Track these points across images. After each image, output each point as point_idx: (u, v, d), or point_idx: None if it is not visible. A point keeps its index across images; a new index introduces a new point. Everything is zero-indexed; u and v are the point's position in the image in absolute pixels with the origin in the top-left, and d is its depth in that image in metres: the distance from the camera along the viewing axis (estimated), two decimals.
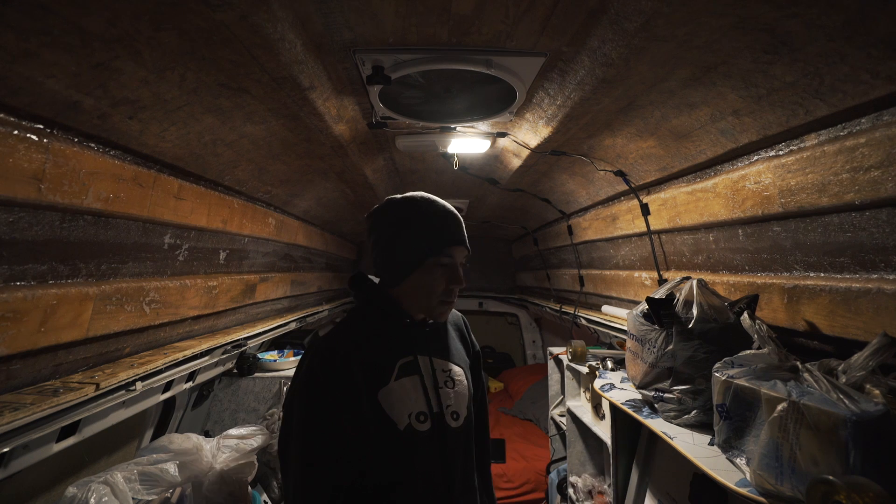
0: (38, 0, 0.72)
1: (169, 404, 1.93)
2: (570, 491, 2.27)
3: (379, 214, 1.05)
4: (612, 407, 1.64)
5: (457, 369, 1.07)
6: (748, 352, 1.10)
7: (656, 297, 1.41)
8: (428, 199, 1.05)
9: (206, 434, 2.15)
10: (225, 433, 1.81)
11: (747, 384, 1.03)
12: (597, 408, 2.13)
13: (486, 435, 1.25)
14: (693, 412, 1.30)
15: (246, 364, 2.30)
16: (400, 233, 1.01)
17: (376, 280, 1.09)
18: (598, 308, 2.63)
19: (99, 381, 1.18)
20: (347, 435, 0.91)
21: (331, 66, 1.23)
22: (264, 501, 1.87)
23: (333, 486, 0.89)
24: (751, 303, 1.26)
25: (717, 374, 1.11)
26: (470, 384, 1.09)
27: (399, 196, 1.06)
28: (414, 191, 1.07)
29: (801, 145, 1.08)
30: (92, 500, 1.23)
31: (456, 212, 1.06)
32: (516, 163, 2.11)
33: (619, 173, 1.82)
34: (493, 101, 1.49)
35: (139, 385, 1.34)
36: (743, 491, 0.96)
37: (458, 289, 1.03)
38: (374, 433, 0.93)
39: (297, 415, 0.92)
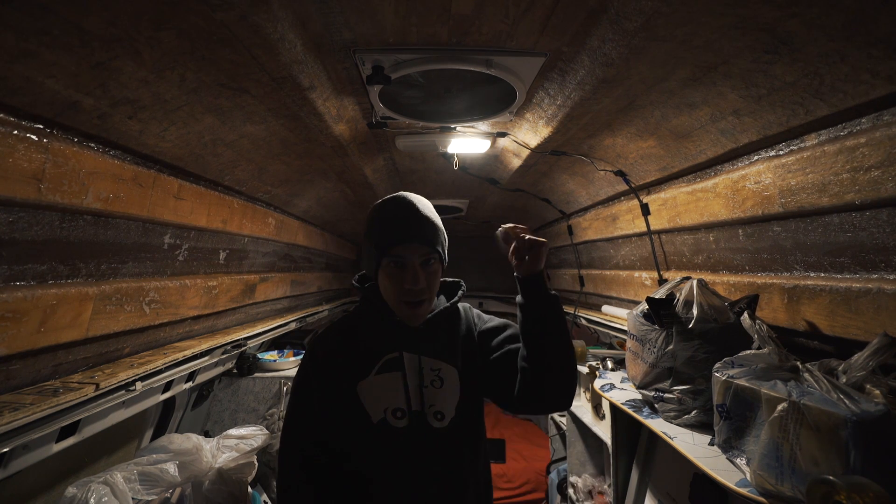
0: (37, 0, 0.72)
1: (169, 404, 1.93)
2: (570, 491, 2.27)
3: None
4: (612, 407, 1.64)
5: (448, 368, 1.02)
6: (748, 352, 1.10)
7: (656, 297, 1.41)
8: (393, 199, 1.00)
9: (206, 434, 2.15)
10: (225, 433, 1.81)
11: (747, 384, 1.03)
12: (597, 408, 2.13)
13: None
14: (693, 412, 1.30)
15: (246, 364, 2.30)
16: (364, 238, 1.03)
17: None
18: (598, 308, 2.63)
19: (99, 381, 1.18)
20: (320, 421, 0.99)
21: (331, 66, 1.23)
22: (264, 501, 1.87)
23: (301, 461, 0.99)
24: (751, 303, 1.26)
25: (717, 374, 1.11)
26: (463, 385, 1.02)
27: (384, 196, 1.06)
28: (410, 191, 1.04)
29: (802, 145, 1.08)
30: (92, 500, 1.23)
31: (415, 206, 0.98)
32: (516, 163, 2.11)
33: (619, 173, 1.82)
34: (493, 101, 1.49)
35: (139, 385, 1.34)
36: (743, 491, 0.96)
37: (416, 289, 0.95)
38: (350, 423, 0.98)
39: (290, 395, 1.05)
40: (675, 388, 1.33)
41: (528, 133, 1.75)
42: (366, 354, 1.01)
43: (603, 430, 1.98)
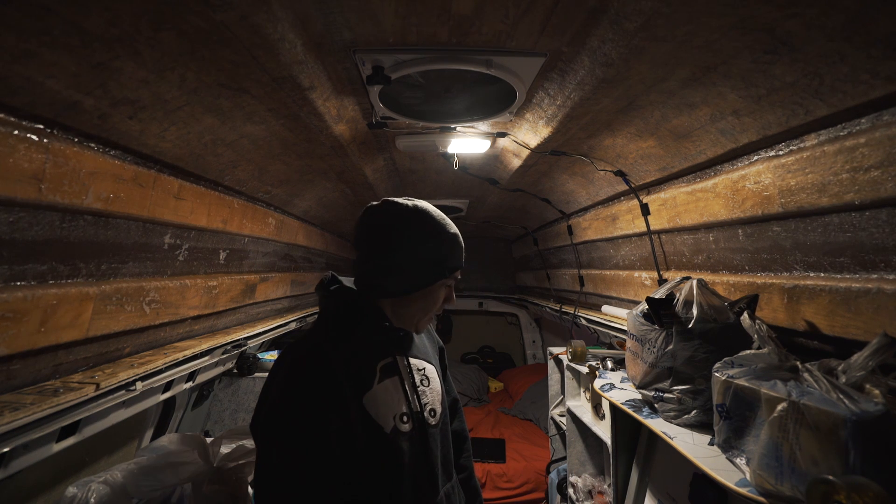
0: (38, 0, 0.72)
1: (169, 404, 1.93)
2: (570, 491, 2.27)
3: (382, 221, 0.98)
4: (612, 407, 1.64)
5: (429, 367, 1.09)
6: (748, 352, 1.10)
7: (656, 297, 1.41)
8: (439, 217, 1.00)
9: (206, 434, 2.15)
10: (225, 433, 1.81)
11: (747, 384, 1.03)
12: (597, 408, 2.13)
13: (461, 429, 1.29)
14: (693, 412, 1.30)
15: (246, 364, 2.30)
16: (415, 250, 0.96)
17: (347, 283, 1.04)
18: (598, 308, 2.63)
19: (99, 381, 1.18)
20: (338, 452, 0.86)
21: (331, 66, 1.23)
22: None
23: None
24: (751, 303, 1.26)
25: (716, 374, 1.11)
26: (441, 381, 1.12)
27: (407, 205, 0.98)
28: (412, 195, 1.06)
29: (801, 145, 1.08)
30: (92, 499, 1.23)
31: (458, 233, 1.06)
32: (516, 163, 2.11)
33: (619, 173, 1.82)
34: (493, 101, 1.49)
35: (139, 385, 1.34)
36: (743, 491, 0.97)
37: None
38: (362, 441, 0.89)
39: (283, 434, 0.85)
40: (675, 387, 1.33)
41: (528, 133, 1.75)
42: (362, 364, 0.95)
43: (603, 429, 1.98)
